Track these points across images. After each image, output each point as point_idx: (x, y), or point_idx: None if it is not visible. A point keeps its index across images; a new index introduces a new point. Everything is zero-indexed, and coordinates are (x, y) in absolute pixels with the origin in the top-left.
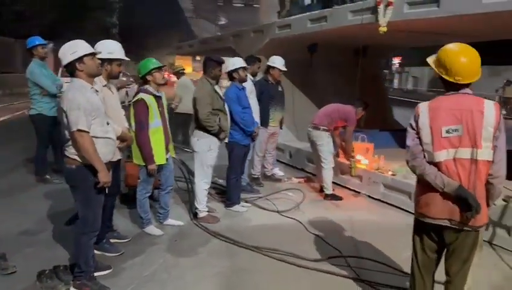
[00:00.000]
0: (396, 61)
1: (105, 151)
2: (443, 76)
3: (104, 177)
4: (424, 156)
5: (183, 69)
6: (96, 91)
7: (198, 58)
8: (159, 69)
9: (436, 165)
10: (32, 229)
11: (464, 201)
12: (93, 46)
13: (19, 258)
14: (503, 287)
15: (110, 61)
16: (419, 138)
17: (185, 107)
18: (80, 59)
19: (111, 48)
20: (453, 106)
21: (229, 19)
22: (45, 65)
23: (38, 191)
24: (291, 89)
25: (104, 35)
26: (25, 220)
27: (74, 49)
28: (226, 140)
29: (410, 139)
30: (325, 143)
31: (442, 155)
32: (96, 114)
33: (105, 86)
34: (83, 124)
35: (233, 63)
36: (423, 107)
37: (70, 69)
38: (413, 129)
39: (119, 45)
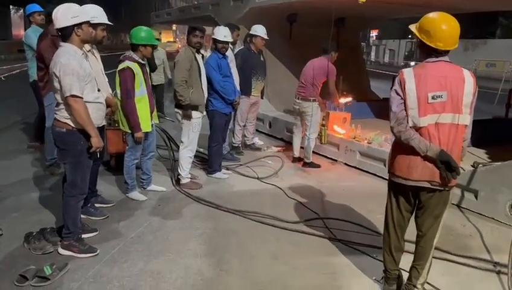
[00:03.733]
0: (373, 34)
1: (96, 116)
2: (424, 41)
3: (97, 142)
4: (407, 121)
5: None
6: (86, 56)
7: (174, 28)
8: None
9: (418, 130)
10: (16, 194)
11: (446, 164)
12: None
13: (5, 223)
14: (468, 246)
15: (94, 26)
16: (404, 104)
17: (156, 78)
18: (79, 24)
19: (94, 13)
20: (438, 73)
21: None
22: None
23: (21, 159)
24: (268, 59)
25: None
26: (9, 186)
27: (76, 13)
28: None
29: (395, 105)
30: (314, 113)
31: (427, 120)
32: (88, 79)
33: (89, 51)
34: (76, 90)
35: (215, 31)
36: (408, 73)
37: (65, 33)
38: (398, 95)
39: (101, 9)
